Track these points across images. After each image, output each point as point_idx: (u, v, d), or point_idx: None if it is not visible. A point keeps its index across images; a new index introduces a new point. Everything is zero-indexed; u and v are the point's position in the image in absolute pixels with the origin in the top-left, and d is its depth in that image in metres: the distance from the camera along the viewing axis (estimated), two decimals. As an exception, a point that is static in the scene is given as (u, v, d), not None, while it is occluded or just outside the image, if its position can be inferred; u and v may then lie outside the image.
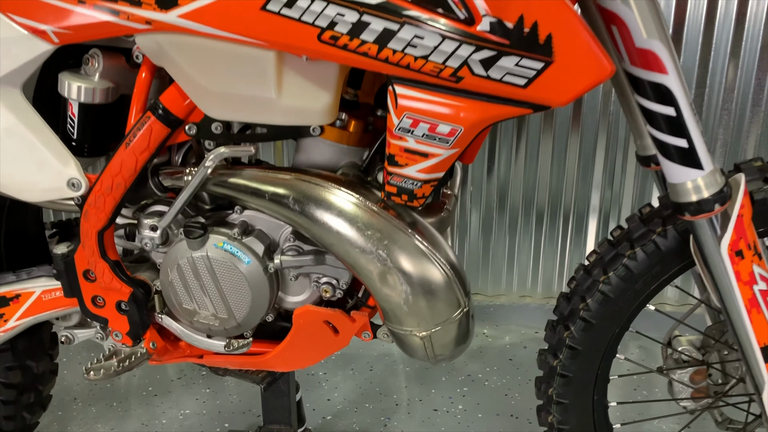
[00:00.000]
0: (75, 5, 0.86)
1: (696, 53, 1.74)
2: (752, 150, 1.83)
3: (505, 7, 0.70)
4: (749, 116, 1.79)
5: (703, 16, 1.71)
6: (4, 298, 1.06)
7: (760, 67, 1.74)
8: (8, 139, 0.93)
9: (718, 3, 1.69)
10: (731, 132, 1.81)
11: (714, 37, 1.72)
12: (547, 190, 1.94)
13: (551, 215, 1.99)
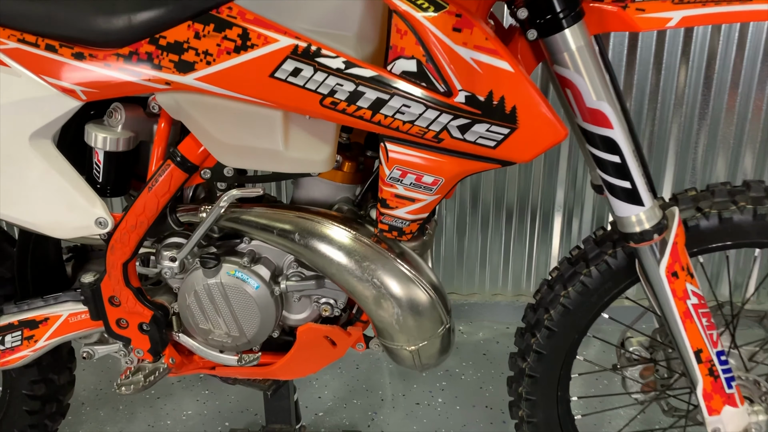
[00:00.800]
0: (102, 68, 0.99)
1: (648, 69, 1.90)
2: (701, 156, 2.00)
3: (477, 83, 0.85)
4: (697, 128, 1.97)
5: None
6: (34, 321, 1.18)
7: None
8: (43, 184, 1.05)
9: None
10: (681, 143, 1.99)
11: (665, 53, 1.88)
12: (515, 190, 2.09)
13: (519, 214, 2.14)
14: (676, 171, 2.03)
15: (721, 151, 1.99)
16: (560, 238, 2.17)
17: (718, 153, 1.99)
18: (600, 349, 1.91)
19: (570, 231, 2.16)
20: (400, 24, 0.86)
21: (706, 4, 0.91)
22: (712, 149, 1.98)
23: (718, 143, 1.98)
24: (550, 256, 2.19)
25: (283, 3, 0.93)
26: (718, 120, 1.95)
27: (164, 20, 0.96)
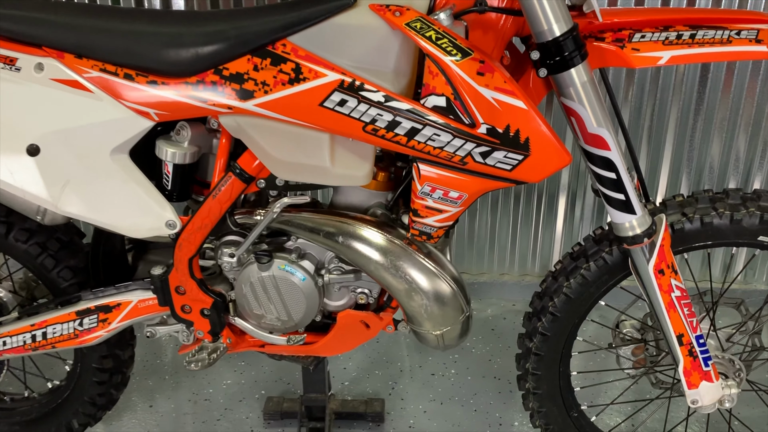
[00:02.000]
0: (173, 94, 1.15)
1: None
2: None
3: (497, 118, 1.02)
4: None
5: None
6: (108, 306, 1.37)
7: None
8: (121, 193, 1.22)
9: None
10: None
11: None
12: None
13: (526, 197, 2.30)
14: (674, 149, 2.17)
15: (717, 133, 2.13)
16: (564, 221, 2.34)
17: (714, 135, 2.13)
18: (597, 329, 2.10)
19: (573, 214, 2.32)
20: (432, 67, 1.03)
21: (691, 45, 1.07)
22: (708, 132, 2.13)
23: (713, 128, 2.12)
24: (554, 238, 2.36)
25: (330, 41, 1.10)
26: (714, 104, 2.08)
27: (227, 54, 1.13)
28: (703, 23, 1.10)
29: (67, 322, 1.38)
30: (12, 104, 1.18)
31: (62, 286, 1.43)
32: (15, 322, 1.42)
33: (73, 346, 1.41)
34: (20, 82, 1.18)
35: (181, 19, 1.17)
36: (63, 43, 1.17)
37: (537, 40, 1.06)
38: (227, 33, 1.13)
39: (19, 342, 1.41)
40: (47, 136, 1.18)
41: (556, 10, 1.03)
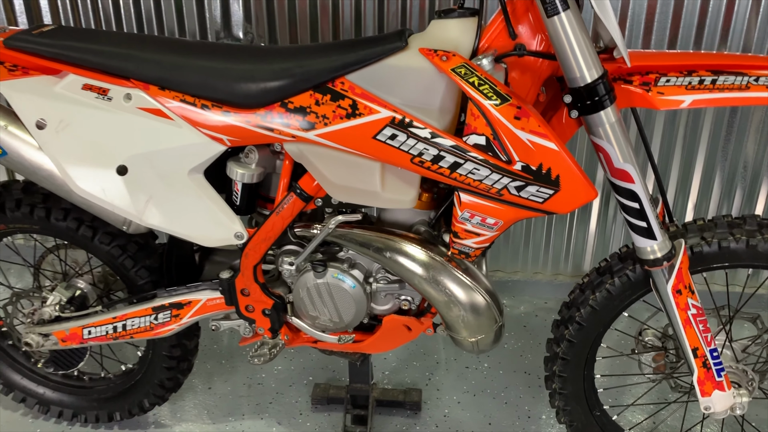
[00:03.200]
0: (244, 123, 1.31)
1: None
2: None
3: (531, 157, 1.15)
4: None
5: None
6: (180, 303, 1.55)
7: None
8: (197, 207, 1.39)
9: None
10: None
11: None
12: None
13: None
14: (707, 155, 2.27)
15: (751, 140, 2.21)
16: (597, 222, 2.44)
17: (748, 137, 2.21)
18: (621, 336, 2.21)
19: (606, 215, 2.42)
20: (474, 109, 1.16)
21: (712, 90, 1.18)
22: (740, 143, 2.21)
23: (746, 137, 2.21)
24: (587, 239, 2.47)
25: (383, 81, 1.24)
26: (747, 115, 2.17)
27: (292, 89, 1.28)
28: (724, 69, 1.20)
29: (144, 316, 1.56)
30: (104, 130, 1.35)
31: (139, 284, 1.61)
32: (99, 314, 1.61)
33: (148, 337, 1.59)
34: (111, 110, 1.35)
35: (252, 56, 1.32)
36: (148, 77, 1.33)
37: (570, 84, 1.18)
38: (292, 70, 1.27)
39: (102, 332, 1.60)
40: (134, 158, 1.35)
41: (587, 58, 1.14)
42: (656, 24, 2.09)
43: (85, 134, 1.35)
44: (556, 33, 1.13)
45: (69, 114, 1.35)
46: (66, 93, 1.36)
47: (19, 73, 1.39)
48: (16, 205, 1.56)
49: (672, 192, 2.34)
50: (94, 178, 1.36)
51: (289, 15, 2.20)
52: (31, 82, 1.37)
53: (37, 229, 1.59)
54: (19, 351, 1.86)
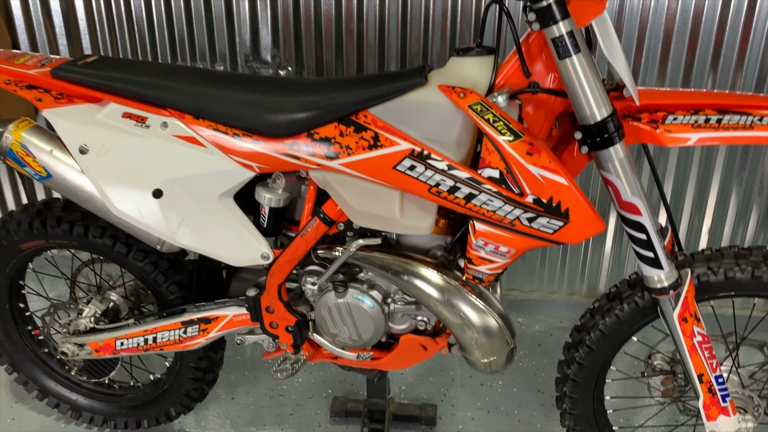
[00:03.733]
0: (272, 152, 1.39)
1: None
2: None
3: (542, 190, 1.22)
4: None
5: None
6: (208, 318, 1.63)
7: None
8: (226, 229, 1.47)
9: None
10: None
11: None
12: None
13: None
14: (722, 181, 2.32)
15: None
16: (612, 243, 2.48)
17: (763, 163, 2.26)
18: (631, 360, 2.25)
19: (621, 236, 2.45)
20: (489, 145, 1.23)
21: (717, 129, 1.24)
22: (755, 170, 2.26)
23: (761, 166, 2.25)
24: (603, 260, 2.51)
25: (404, 114, 1.31)
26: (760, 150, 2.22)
27: (318, 121, 1.36)
28: (730, 108, 1.26)
29: (173, 329, 1.65)
30: (142, 155, 1.44)
31: (169, 298, 1.70)
32: (131, 326, 1.70)
33: (177, 349, 1.68)
34: (149, 137, 1.44)
35: (281, 89, 1.41)
36: (184, 106, 1.42)
37: (580, 122, 1.24)
38: (319, 103, 1.35)
39: (133, 344, 1.69)
40: (169, 182, 1.44)
41: (597, 98, 1.21)
42: (672, 50, 2.14)
43: (124, 159, 1.44)
44: (567, 74, 1.20)
45: (110, 140, 1.44)
46: (107, 120, 1.45)
47: (65, 101, 1.49)
48: (56, 223, 1.66)
49: (686, 216, 2.38)
50: (132, 200, 1.45)
51: (315, 37, 2.29)
52: (75, 109, 1.47)
53: (75, 244, 1.69)
54: (55, 359, 1.96)
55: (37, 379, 1.95)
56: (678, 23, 2.11)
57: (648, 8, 2.11)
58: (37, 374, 1.95)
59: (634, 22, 2.13)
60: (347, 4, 2.23)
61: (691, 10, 2.08)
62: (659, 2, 2.09)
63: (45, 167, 1.50)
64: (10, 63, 1.50)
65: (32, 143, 1.50)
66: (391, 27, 2.25)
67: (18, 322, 1.90)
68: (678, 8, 2.09)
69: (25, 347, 1.93)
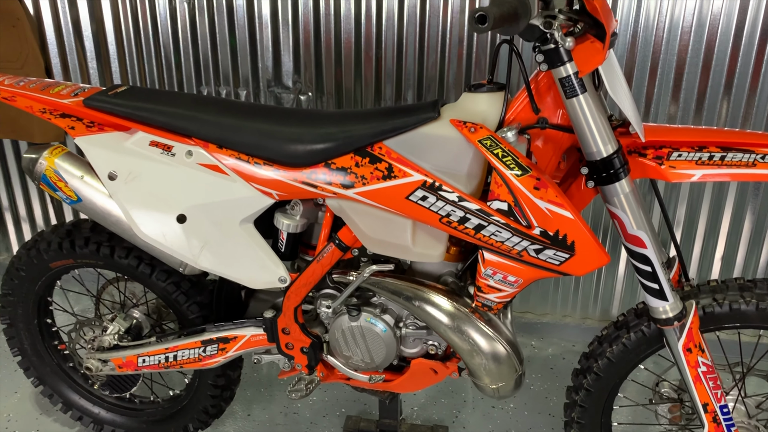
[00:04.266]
0: (291, 180, 1.45)
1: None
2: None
3: (549, 223, 1.26)
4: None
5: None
6: (226, 338, 1.69)
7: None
8: (246, 253, 1.53)
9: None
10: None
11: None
12: (588, 218, 2.44)
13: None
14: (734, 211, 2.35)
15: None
16: (625, 267, 2.51)
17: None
18: (639, 387, 2.28)
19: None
20: (498, 179, 1.28)
21: (720, 166, 1.27)
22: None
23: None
24: (616, 284, 2.54)
25: (417, 147, 1.37)
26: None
27: (335, 152, 1.42)
28: (733, 146, 1.29)
29: (193, 348, 1.71)
30: (167, 182, 1.51)
31: (190, 318, 1.76)
32: (153, 344, 1.76)
33: (196, 367, 1.74)
34: (174, 165, 1.51)
35: (300, 120, 1.47)
36: (208, 136, 1.49)
37: (587, 158, 1.29)
38: (336, 135, 1.42)
39: (155, 361, 1.75)
40: (192, 208, 1.51)
41: (603, 135, 1.26)
42: (685, 80, 2.18)
43: (151, 186, 1.51)
44: (574, 112, 1.24)
45: (137, 167, 1.52)
46: (135, 148, 1.53)
47: (96, 129, 1.57)
48: (84, 243, 1.73)
49: (699, 242, 2.40)
50: (157, 224, 1.52)
51: (335, 62, 2.37)
52: (105, 137, 1.55)
53: (101, 264, 1.76)
54: (79, 373, 2.03)
55: (62, 393, 2.02)
56: (690, 54, 2.15)
57: (661, 39, 2.15)
58: (62, 387, 2.02)
59: (647, 52, 2.17)
60: (366, 31, 2.31)
61: (704, 41, 2.12)
62: (671, 33, 2.13)
63: (76, 192, 1.58)
64: (46, 92, 1.58)
65: (64, 169, 1.58)
66: (409, 53, 2.31)
67: (45, 336, 1.98)
68: (690, 40, 2.13)
69: (51, 361, 2.00)
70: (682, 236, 2.40)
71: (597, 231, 2.46)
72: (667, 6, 2.11)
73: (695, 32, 2.12)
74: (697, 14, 2.10)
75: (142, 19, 2.45)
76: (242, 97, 2.50)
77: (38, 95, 1.58)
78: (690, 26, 2.12)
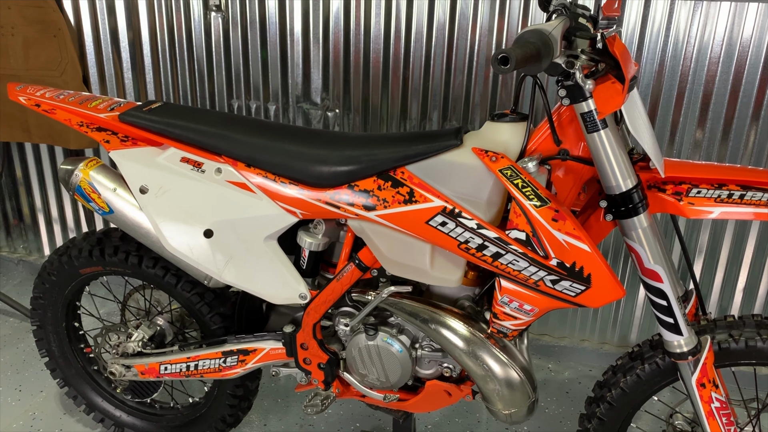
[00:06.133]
0: (315, 200, 1.49)
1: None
2: None
3: (566, 255, 1.28)
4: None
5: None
6: (246, 350, 1.73)
7: None
8: (269, 269, 1.57)
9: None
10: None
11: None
12: (609, 245, 2.44)
13: (611, 264, 2.50)
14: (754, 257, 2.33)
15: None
16: (645, 293, 2.50)
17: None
18: (651, 419, 2.27)
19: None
20: (516, 209, 1.30)
21: (739, 204, 1.28)
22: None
23: None
24: (635, 310, 2.53)
25: (438, 173, 1.40)
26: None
27: (358, 174, 1.46)
28: (753, 185, 1.30)
29: (214, 358, 1.76)
30: (196, 197, 1.56)
31: (212, 328, 1.81)
32: (175, 353, 1.81)
33: (216, 377, 1.78)
34: (204, 181, 1.56)
35: (326, 142, 1.51)
36: (237, 155, 1.54)
37: (606, 191, 1.31)
38: (360, 158, 1.45)
39: (176, 369, 1.80)
40: (219, 224, 1.55)
41: (623, 170, 1.27)
42: (712, 106, 2.18)
43: (180, 200, 1.56)
44: (595, 147, 1.27)
45: (168, 182, 1.57)
46: (167, 164, 1.58)
47: (129, 143, 1.62)
48: (114, 252, 1.79)
49: (720, 274, 2.39)
50: (184, 238, 1.57)
51: (363, 79, 2.41)
52: (138, 152, 1.61)
53: (129, 273, 1.82)
54: (103, 376, 2.08)
55: (86, 395, 2.08)
56: (718, 84, 2.15)
57: (688, 69, 2.15)
58: (86, 390, 2.08)
59: (674, 81, 2.18)
60: (395, 50, 2.35)
61: (732, 71, 2.12)
62: (699, 63, 2.14)
63: (108, 203, 1.64)
64: (84, 106, 1.65)
65: (98, 181, 1.64)
66: (436, 73, 2.35)
67: (72, 340, 2.04)
68: (718, 70, 2.13)
69: (77, 364, 2.06)
70: (704, 265, 2.40)
71: (618, 260, 2.46)
72: (696, 35, 2.11)
73: (723, 62, 2.12)
74: (726, 44, 2.10)
75: (177, 31, 2.52)
76: (271, 111, 2.56)
77: (76, 109, 1.64)
78: (718, 56, 2.12)
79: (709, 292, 2.43)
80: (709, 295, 2.44)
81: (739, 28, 2.08)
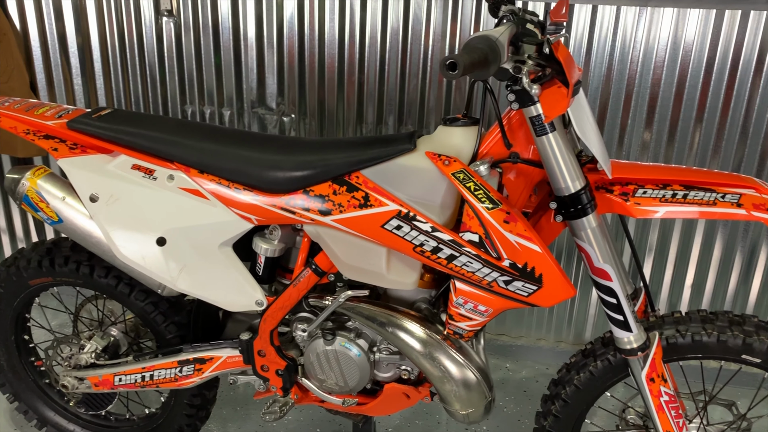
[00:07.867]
0: (270, 206, 1.48)
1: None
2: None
3: (518, 256, 1.31)
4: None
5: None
6: (203, 359, 1.71)
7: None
8: (224, 276, 1.56)
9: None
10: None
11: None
12: (562, 245, 2.50)
13: (565, 267, 2.55)
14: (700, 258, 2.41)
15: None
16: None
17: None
18: (606, 414, 2.33)
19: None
20: (469, 211, 1.32)
21: (683, 204, 1.33)
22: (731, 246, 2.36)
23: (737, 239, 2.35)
24: (589, 309, 2.59)
25: (393, 177, 1.41)
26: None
27: (313, 179, 1.46)
28: (696, 184, 1.35)
29: (170, 368, 1.73)
30: (148, 205, 1.54)
31: (167, 337, 1.78)
32: (130, 363, 1.78)
33: (172, 387, 1.75)
34: (156, 189, 1.54)
35: (280, 148, 1.51)
36: (190, 161, 1.52)
37: (555, 193, 1.34)
38: (315, 163, 1.45)
39: (131, 380, 1.77)
40: (172, 231, 1.53)
41: (572, 172, 1.31)
42: (659, 108, 2.25)
43: (131, 208, 1.54)
44: (544, 149, 1.29)
45: (118, 190, 1.54)
46: (117, 171, 1.56)
47: (78, 151, 1.59)
48: (64, 262, 1.75)
49: (669, 272, 2.46)
50: (136, 246, 1.54)
51: (318, 84, 2.41)
52: (87, 159, 1.58)
53: (80, 283, 1.78)
54: (55, 390, 2.03)
55: (37, 409, 2.03)
56: (663, 86, 2.22)
57: (635, 72, 2.22)
58: (37, 404, 2.03)
59: (622, 84, 2.24)
60: (350, 54, 2.35)
61: (676, 74, 2.19)
62: (645, 67, 2.20)
63: (57, 213, 1.60)
64: (30, 114, 1.61)
65: (46, 190, 1.61)
66: (391, 77, 2.36)
67: (22, 353, 1.98)
68: (663, 73, 2.20)
69: (27, 377, 2.01)
70: (654, 263, 2.47)
71: (571, 260, 2.52)
72: (642, 39, 2.18)
73: (668, 66, 2.19)
74: (670, 48, 2.17)
75: (128, 36, 2.48)
76: (226, 117, 2.53)
77: (23, 116, 1.60)
78: (663, 60, 2.19)
79: (659, 289, 2.50)
80: (659, 292, 2.51)
81: (682, 32, 2.15)
